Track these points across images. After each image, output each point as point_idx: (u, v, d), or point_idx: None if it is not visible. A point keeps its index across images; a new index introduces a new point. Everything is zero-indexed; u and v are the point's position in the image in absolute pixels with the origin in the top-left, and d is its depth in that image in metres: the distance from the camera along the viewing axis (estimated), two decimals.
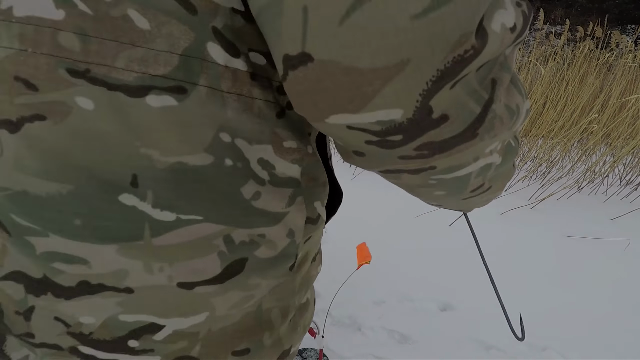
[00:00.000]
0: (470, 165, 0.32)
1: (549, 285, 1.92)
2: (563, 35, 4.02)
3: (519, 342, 1.51)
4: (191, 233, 0.29)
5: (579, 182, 3.29)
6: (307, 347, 1.44)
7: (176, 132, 0.27)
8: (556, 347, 1.50)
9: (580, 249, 2.30)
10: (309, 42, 0.23)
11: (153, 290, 0.30)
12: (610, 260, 2.18)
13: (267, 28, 0.25)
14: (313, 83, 0.25)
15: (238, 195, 0.30)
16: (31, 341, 0.31)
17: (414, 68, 0.23)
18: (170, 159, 0.28)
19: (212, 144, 0.28)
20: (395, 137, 0.27)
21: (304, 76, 0.25)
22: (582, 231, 2.52)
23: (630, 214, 2.79)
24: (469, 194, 0.38)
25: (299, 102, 0.27)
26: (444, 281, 1.88)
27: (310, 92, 0.25)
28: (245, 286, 0.33)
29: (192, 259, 0.30)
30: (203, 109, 0.27)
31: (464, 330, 1.56)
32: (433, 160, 0.30)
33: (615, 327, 1.63)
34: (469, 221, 0.52)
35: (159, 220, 0.28)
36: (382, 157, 0.30)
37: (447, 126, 0.27)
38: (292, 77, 0.25)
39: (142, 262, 0.29)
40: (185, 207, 0.29)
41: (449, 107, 0.26)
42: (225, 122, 0.28)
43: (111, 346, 0.31)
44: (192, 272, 0.30)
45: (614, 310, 1.74)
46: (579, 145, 3.87)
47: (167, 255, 0.29)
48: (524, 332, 0.71)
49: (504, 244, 2.33)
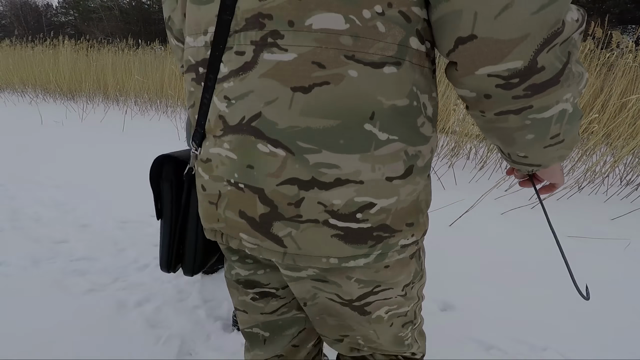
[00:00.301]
0: (553, 107, 0.48)
1: (549, 285, 1.92)
2: None
3: (520, 342, 1.52)
4: (392, 147, 0.50)
5: (580, 182, 3.30)
6: None
7: (394, 87, 0.48)
8: (556, 347, 1.50)
9: (580, 249, 2.30)
10: (476, 29, 0.42)
11: (374, 182, 0.50)
12: (610, 260, 2.19)
13: (447, 24, 0.44)
14: (474, 49, 0.44)
15: (415, 124, 0.51)
16: (298, 220, 0.51)
17: (531, 38, 0.42)
18: (390, 102, 0.48)
19: (409, 93, 0.49)
20: (514, 80, 0.45)
21: (469, 46, 0.44)
22: (583, 231, 2.52)
23: (631, 214, 2.79)
24: (548, 141, 0.54)
25: (461, 62, 0.46)
26: (445, 281, 1.88)
27: (471, 55, 0.44)
28: (413, 182, 0.54)
29: (392, 162, 0.51)
30: (407, 73, 0.48)
31: (464, 330, 1.57)
32: (532, 100, 0.47)
33: (616, 327, 1.63)
34: (543, 205, 0.70)
35: (380, 139, 0.49)
36: (502, 98, 0.48)
37: (544, 74, 0.45)
38: (461, 49, 0.45)
39: (369, 165, 0.49)
40: (393, 130, 0.49)
41: (545, 62, 0.44)
42: (414, 81, 0.49)
43: (347, 217, 0.51)
44: (392, 171, 0.51)
45: (615, 311, 1.74)
46: (579, 145, 3.88)
47: (382, 160, 0.50)
48: (589, 293, 0.85)
49: (505, 244, 2.34)
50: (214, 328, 1.53)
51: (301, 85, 0.46)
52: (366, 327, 0.65)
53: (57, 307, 1.59)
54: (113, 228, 2.39)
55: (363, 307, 0.62)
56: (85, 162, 3.78)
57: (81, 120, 6.08)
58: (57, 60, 8.96)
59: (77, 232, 2.32)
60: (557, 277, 2.00)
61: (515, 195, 3.15)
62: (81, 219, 2.50)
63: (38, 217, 2.51)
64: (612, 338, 1.56)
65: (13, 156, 3.89)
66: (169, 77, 7.05)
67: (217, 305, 1.67)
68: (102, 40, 10.49)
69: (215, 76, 0.51)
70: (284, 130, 0.48)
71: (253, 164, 0.50)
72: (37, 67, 9.04)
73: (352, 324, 0.65)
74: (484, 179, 3.58)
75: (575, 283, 0.62)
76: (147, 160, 4.38)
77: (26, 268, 1.87)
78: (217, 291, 1.79)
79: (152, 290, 1.76)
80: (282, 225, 0.52)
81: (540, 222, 2.68)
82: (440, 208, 2.65)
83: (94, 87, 8.29)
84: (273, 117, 0.48)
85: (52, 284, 1.75)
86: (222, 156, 0.53)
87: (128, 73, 7.86)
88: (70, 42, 9.67)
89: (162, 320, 1.57)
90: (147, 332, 1.49)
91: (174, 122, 5.96)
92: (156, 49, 9.08)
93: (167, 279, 1.85)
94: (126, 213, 2.61)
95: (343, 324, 0.66)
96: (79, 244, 2.16)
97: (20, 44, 10.50)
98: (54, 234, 2.26)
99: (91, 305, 1.62)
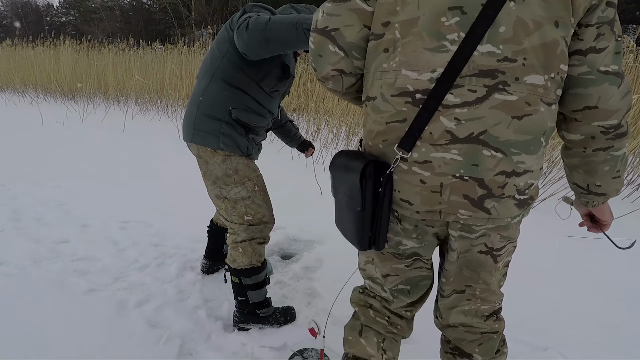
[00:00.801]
0: (622, 149, 0.82)
1: (550, 285, 1.92)
2: None
3: (520, 342, 1.52)
4: (543, 151, 0.79)
5: None
6: (309, 347, 1.44)
7: (553, 116, 0.77)
8: (557, 347, 1.50)
9: (581, 249, 2.30)
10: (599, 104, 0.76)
11: (537, 171, 0.79)
12: (612, 260, 2.18)
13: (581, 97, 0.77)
14: (595, 113, 0.78)
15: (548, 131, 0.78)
16: (502, 196, 0.77)
17: (622, 110, 0.79)
18: (551, 125, 0.78)
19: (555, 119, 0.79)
20: (611, 130, 0.80)
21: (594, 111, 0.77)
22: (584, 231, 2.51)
23: (632, 214, 2.79)
24: (615, 174, 0.85)
25: (583, 119, 0.79)
26: None
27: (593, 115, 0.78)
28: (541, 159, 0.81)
29: (542, 159, 0.80)
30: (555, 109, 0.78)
31: None
32: (615, 142, 0.80)
33: (617, 327, 1.63)
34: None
35: (543, 145, 0.77)
36: (601, 139, 0.80)
37: (623, 128, 0.80)
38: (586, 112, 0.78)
39: (537, 161, 0.78)
40: (547, 142, 0.78)
41: (624, 123, 0.81)
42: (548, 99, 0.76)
43: (523, 193, 0.79)
44: (541, 164, 0.81)
45: (616, 311, 1.74)
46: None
47: (540, 157, 0.79)
48: (632, 244, 1.15)
49: None
50: (214, 328, 1.53)
51: (516, 115, 0.72)
52: (491, 273, 0.93)
53: (57, 307, 1.59)
54: (114, 228, 2.39)
55: (496, 256, 0.90)
56: (86, 162, 3.78)
57: (82, 120, 6.09)
58: (58, 60, 8.97)
59: (78, 232, 2.32)
60: (558, 277, 2.00)
61: None
62: (82, 219, 2.51)
63: (39, 217, 2.51)
64: (613, 338, 1.56)
65: (14, 156, 3.90)
66: (169, 77, 7.05)
67: (218, 306, 1.68)
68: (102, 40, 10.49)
69: (436, 102, 0.74)
70: (503, 142, 0.74)
71: (478, 163, 0.74)
72: (37, 67, 9.05)
73: (482, 272, 0.93)
74: None
75: (609, 237, 0.93)
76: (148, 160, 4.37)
77: (27, 268, 1.88)
78: (218, 291, 1.79)
79: (153, 290, 1.76)
80: (491, 201, 0.77)
81: (542, 222, 2.68)
82: None
83: (95, 87, 8.30)
84: (496, 133, 0.73)
85: (53, 284, 1.75)
86: (446, 158, 0.76)
87: (129, 73, 7.87)
88: (71, 42, 9.68)
89: (163, 320, 1.57)
90: (148, 332, 1.49)
91: (175, 122, 5.96)
92: (157, 49, 9.09)
93: (168, 279, 1.85)
94: (127, 213, 2.61)
95: (473, 275, 0.94)
96: (79, 244, 2.16)
97: (21, 44, 10.51)
98: (55, 234, 2.27)
99: (92, 305, 1.63)
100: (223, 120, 1.38)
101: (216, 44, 1.40)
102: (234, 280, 1.53)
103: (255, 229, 1.49)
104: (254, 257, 1.49)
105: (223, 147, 1.39)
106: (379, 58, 0.80)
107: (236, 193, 1.45)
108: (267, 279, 1.58)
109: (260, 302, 1.55)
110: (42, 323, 1.49)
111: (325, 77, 0.87)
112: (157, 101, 7.27)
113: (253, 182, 1.47)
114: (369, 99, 0.83)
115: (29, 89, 9.10)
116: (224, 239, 1.89)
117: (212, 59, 1.40)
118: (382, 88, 0.80)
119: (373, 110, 0.83)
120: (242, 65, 1.35)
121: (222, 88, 1.38)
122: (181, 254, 2.10)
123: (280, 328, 1.57)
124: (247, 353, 1.43)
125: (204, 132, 1.39)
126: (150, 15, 30.71)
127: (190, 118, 1.42)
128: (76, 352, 1.37)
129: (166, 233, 2.35)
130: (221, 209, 1.51)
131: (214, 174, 1.43)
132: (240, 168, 1.43)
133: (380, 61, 0.80)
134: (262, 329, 1.55)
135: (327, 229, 2.37)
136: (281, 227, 2.42)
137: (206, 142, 1.39)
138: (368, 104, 0.84)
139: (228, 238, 1.53)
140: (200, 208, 2.12)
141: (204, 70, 1.43)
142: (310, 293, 1.82)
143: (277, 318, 1.59)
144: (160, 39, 13.94)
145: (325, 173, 3.72)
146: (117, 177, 3.40)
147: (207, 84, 1.40)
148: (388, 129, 0.81)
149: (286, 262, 2.14)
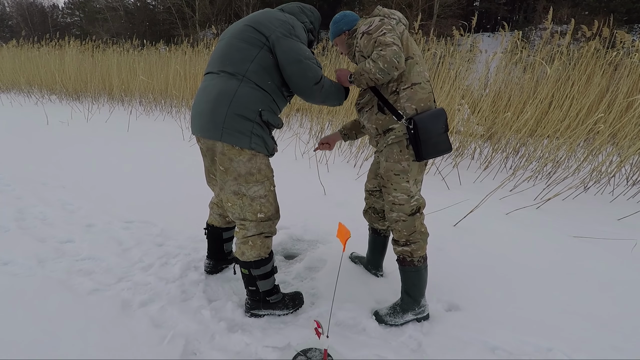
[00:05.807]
0: None
1: (554, 286, 1.91)
2: (568, 34, 3.99)
3: (524, 343, 1.51)
4: None
5: (585, 182, 3.27)
6: (312, 347, 1.44)
7: None
8: (562, 347, 1.49)
9: (586, 250, 2.28)
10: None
11: None
12: (617, 260, 2.17)
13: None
14: None
15: None
16: None
17: None
18: None
19: None
20: None
21: None
22: (589, 231, 2.50)
23: (637, 214, 2.76)
24: None
25: None
26: (449, 282, 1.88)
27: None
28: None
29: None
30: None
31: (470, 330, 1.56)
32: None
33: (621, 328, 1.62)
34: None
35: None
36: None
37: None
38: None
39: None
40: None
41: None
42: None
43: None
44: None
45: (620, 311, 1.73)
46: (585, 145, 3.85)
47: None
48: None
49: (510, 244, 2.32)
50: (218, 328, 1.53)
51: None
52: None
53: (62, 307, 1.60)
54: (118, 228, 2.40)
55: None
56: (90, 162, 3.80)
57: (87, 120, 6.12)
58: (63, 60, 9.03)
59: (83, 232, 2.33)
60: (562, 278, 1.99)
61: (520, 196, 3.13)
62: (86, 218, 2.52)
63: (44, 217, 2.53)
64: (617, 339, 1.55)
65: (19, 156, 3.92)
66: (173, 77, 7.07)
67: (222, 306, 1.68)
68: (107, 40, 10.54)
69: None
70: None
71: None
72: (43, 68, 9.11)
73: None
74: (489, 179, 3.57)
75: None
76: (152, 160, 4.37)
77: (32, 268, 1.89)
78: (222, 291, 1.80)
79: (157, 290, 1.77)
80: None
81: (545, 222, 2.66)
82: (445, 208, 2.64)
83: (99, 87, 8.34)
84: None
85: (58, 283, 1.76)
86: None
87: (133, 73, 7.90)
88: (76, 43, 9.73)
89: (167, 320, 1.57)
90: (152, 331, 1.49)
91: (179, 122, 5.98)
92: (161, 49, 9.12)
93: (172, 279, 1.85)
94: (131, 213, 2.62)
95: None
96: (84, 244, 2.17)
97: (26, 44, 10.58)
98: (60, 234, 2.28)
99: (96, 304, 1.63)
100: (254, 121, 1.43)
101: (245, 43, 1.44)
102: (243, 272, 1.59)
103: (265, 224, 1.56)
104: (262, 250, 1.56)
105: (254, 147, 1.44)
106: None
107: (255, 191, 1.51)
108: (275, 268, 1.64)
109: (270, 289, 1.62)
110: (46, 322, 1.50)
111: None
112: (161, 101, 7.30)
113: (270, 181, 1.56)
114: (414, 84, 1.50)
115: (34, 90, 9.16)
116: (222, 239, 1.92)
117: (243, 59, 1.43)
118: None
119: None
120: (271, 71, 1.45)
121: (253, 89, 1.43)
122: (185, 253, 2.11)
123: (283, 328, 1.57)
124: (250, 353, 1.43)
125: (236, 131, 1.41)
126: (155, 15, 30.81)
127: (218, 116, 1.42)
128: (80, 351, 1.37)
129: (170, 233, 2.36)
130: (235, 205, 1.53)
131: (237, 171, 1.47)
132: (263, 168, 1.50)
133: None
134: (266, 329, 1.56)
135: (331, 229, 2.37)
136: (285, 227, 2.42)
137: (238, 141, 1.42)
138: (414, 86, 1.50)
139: (237, 233, 1.57)
140: (204, 208, 2.12)
141: (231, 67, 1.44)
142: (313, 293, 1.82)
143: (287, 303, 1.67)
144: (165, 39, 13.98)
145: (328, 173, 3.71)
146: (122, 177, 3.41)
147: (238, 84, 1.42)
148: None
149: (289, 262, 2.14)
